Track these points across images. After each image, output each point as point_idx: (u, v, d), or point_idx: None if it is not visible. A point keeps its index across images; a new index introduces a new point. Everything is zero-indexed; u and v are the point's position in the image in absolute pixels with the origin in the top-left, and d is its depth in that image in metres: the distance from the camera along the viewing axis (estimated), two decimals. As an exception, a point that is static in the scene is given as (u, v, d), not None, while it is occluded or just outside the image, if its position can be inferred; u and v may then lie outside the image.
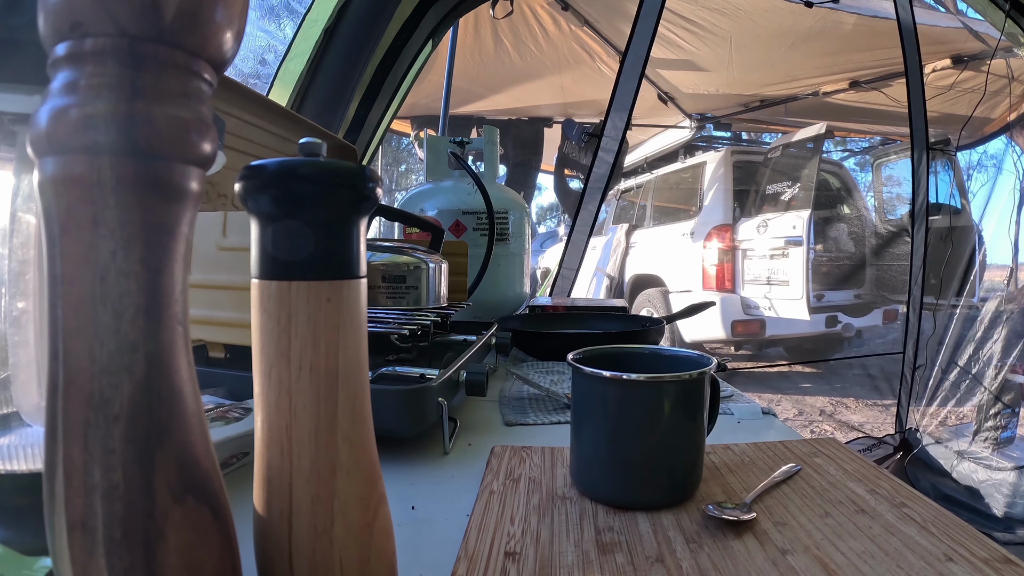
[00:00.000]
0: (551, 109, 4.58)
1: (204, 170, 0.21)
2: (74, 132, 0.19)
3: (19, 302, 0.32)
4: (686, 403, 0.41)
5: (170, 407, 0.20)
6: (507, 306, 1.31)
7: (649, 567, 0.33)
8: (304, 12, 1.52)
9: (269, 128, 0.74)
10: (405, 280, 0.76)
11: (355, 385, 0.25)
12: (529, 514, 0.40)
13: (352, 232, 0.25)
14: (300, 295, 0.24)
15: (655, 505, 0.41)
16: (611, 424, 0.41)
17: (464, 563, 0.34)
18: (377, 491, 0.27)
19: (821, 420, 3.46)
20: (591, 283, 5.22)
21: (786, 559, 0.34)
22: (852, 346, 4.25)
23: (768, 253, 4.09)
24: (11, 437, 0.34)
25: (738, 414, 0.68)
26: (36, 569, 0.28)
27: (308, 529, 0.25)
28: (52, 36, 0.19)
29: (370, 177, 0.25)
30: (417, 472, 0.51)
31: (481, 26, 3.17)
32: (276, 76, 1.52)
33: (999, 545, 0.35)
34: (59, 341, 0.19)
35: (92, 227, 0.19)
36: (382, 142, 2.03)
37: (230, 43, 0.22)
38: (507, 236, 1.28)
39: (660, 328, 1.05)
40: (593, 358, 0.46)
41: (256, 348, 0.25)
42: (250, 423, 0.48)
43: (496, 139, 1.36)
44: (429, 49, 1.94)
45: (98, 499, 0.19)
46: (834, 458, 0.50)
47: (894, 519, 0.39)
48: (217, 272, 0.57)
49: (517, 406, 0.70)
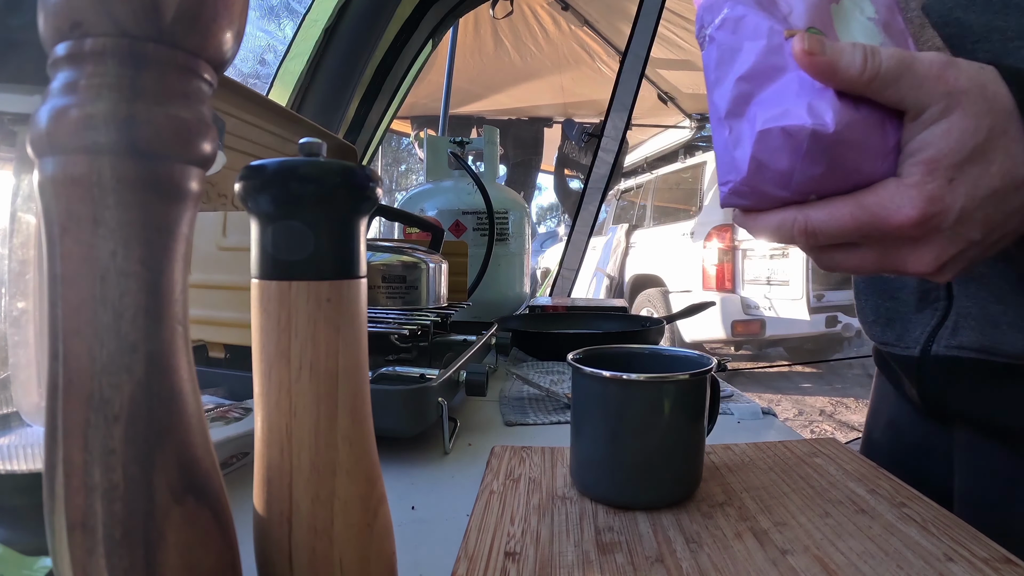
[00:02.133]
0: (551, 109, 4.59)
1: (204, 170, 0.21)
2: (74, 132, 0.19)
3: (19, 302, 0.32)
4: (686, 403, 0.41)
5: (170, 407, 0.20)
6: (507, 306, 1.31)
7: (649, 567, 0.33)
8: (304, 12, 1.52)
9: (269, 128, 0.74)
10: (405, 280, 0.76)
11: (355, 385, 0.25)
12: (529, 514, 0.40)
13: (352, 232, 0.25)
14: (300, 295, 0.24)
15: (655, 505, 0.41)
16: (611, 424, 0.41)
17: (464, 563, 0.34)
18: (377, 491, 0.27)
19: (821, 420, 3.46)
20: (591, 283, 5.23)
21: (786, 559, 0.34)
22: (852, 346, 4.26)
23: (768, 253, 4.09)
24: (11, 437, 0.34)
25: (738, 414, 0.68)
26: (36, 569, 0.28)
27: (308, 529, 0.25)
28: (52, 36, 0.19)
29: (370, 177, 0.25)
30: (417, 472, 0.51)
31: (481, 26, 3.17)
32: (276, 76, 1.52)
33: (999, 545, 0.35)
34: (59, 341, 0.19)
35: (92, 227, 0.19)
36: (382, 142, 2.03)
37: (230, 43, 0.22)
38: (507, 236, 1.28)
39: (660, 328, 1.05)
40: (593, 358, 0.46)
41: (256, 348, 0.25)
42: (250, 423, 0.48)
43: (496, 139, 1.36)
44: (429, 49, 1.94)
45: (98, 499, 0.19)
46: (834, 458, 0.50)
47: (894, 519, 0.39)
48: (217, 272, 0.57)
49: (517, 406, 0.70)
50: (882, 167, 0.32)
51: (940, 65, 0.30)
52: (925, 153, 0.30)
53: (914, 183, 0.30)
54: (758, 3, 0.35)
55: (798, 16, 0.34)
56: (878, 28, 0.35)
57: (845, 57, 0.30)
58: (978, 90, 0.30)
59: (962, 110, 0.30)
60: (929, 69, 0.30)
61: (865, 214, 0.31)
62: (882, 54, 0.30)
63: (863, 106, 0.31)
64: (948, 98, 0.30)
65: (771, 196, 0.33)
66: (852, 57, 0.30)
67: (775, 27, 0.33)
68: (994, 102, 0.30)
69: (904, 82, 0.30)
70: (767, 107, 0.33)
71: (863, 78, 0.30)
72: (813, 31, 0.33)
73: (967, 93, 0.30)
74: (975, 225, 0.31)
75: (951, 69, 0.30)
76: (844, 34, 0.34)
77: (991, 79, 0.31)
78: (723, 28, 0.35)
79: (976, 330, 0.44)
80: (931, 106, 0.30)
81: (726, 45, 0.35)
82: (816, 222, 0.32)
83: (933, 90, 0.30)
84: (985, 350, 0.44)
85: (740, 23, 0.34)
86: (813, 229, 0.32)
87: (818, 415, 3.58)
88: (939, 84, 0.30)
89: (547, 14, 3.20)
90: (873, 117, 0.31)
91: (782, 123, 0.31)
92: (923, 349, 0.48)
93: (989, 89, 0.30)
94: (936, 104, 0.30)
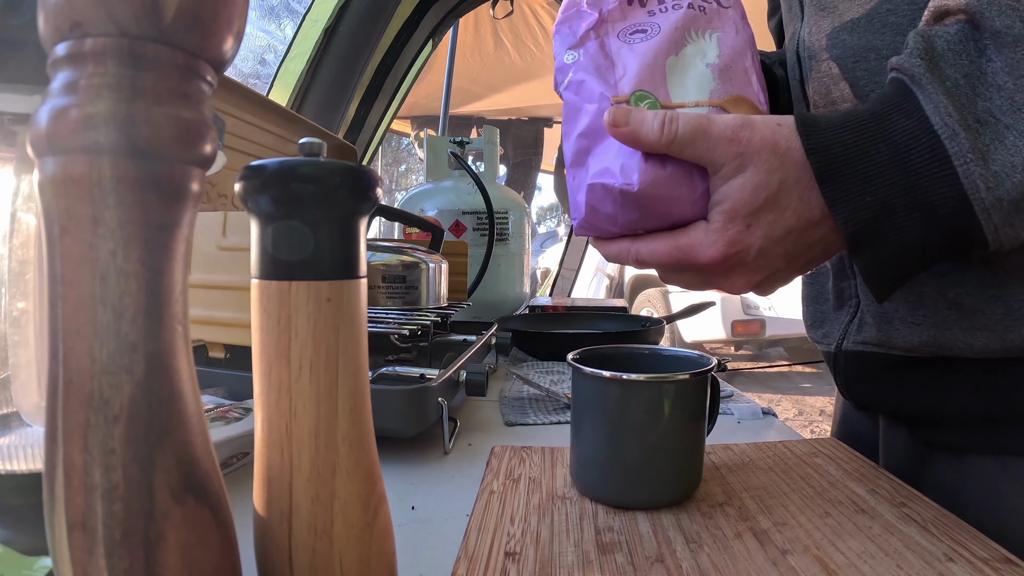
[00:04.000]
0: (551, 109, 4.58)
1: (204, 170, 0.21)
2: (74, 132, 0.19)
3: (19, 302, 0.32)
4: (686, 403, 0.41)
5: (170, 407, 0.20)
6: (507, 306, 1.31)
7: (649, 567, 0.33)
8: (304, 12, 1.52)
9: (269, 128, 0.74)
10: (405, 280, 0.76)
11: (355, 385, 0.25)
12: (529, 514, 0.40)
13: (352, 232, 0.25)
14: (300, 295, 0.24)
15: (655, 505, 0.41)
16: (611, 424, 0.41)
17: (464, 563, 0.34)
18: (377, 491, 0.27)
19: (821, 420, 3.46)
20: (591, 283, 5.22)
21: (786, 559, 0.34)
22: (852, 346, 4.24)
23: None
24: (11, 437, 0.34)
25: (738, 414, 0.68)
26: (36, 569, 0.28)
27: (308, 529, 0.25)
28: (52, 36, 0.19)
29: (370, 177, 0.25)
30: (417, 472, 0.51)
31: (481, 26, 3.17)
32: (276, 76, 1.52)
33: (999, 545, 0.35)
34: (59, 341, 0.19)
35: (92, 227, 0.19)
36: (382, 142, 2.03)
37: (230, 43, 0.22)
38: (507, 236, 1.28)
39: (660, 328, 1.05)
40: (593, 358, 0.46)
41: (256, 348, 0.25)
42: (250, 423, 0.48)
43: (496, 139, 1.36)
44: (429, 49, 1.94)
45: (98, 499, 0.19)
46: (834, 458, 0.50)
47: (894, 519, 0.39)
48: (217, 272, 0.57)
49: (517, 406, 0.70)
50: (692, 210, 0.37)
51: (734, 128, 0.35)
52: (725, 204, 0.35)
53: (716, 228, 0.36)
54: (596, 68, 0.40)
55: (628, 79, 0.39)
56: (714, 74, 0.40)
57: (645, 126, 0.35)
58: (769, 148, 0.35)
59: (754, 167, 0.35)
60: (723, 132, 0.35)
61: (679, 252, 0.37)
62: (680, 121, 0.35)
63: (670, 164, 0.36)
64: (740, 157, 0.35)
65: (607, 230, 0.40)
66: (651, 125, 0.35)
67: (605, 93, 0.39)
68: (785, 157, 0.35)
69: (700, 144, 0.35)
70: (597, 161, 0.39)
71: (662, 142, 0.35)
72: (639, 94, 0.38)
73: (759, 152, 0.35)
74: (777, 257, 0.36)
75: (744, 131, 0.35)
76: (676, 86, 0.39)
77: (785, 136, 0.35)
78: (569, 89, 0.41)
79: (875, 326, 0.47)
80: (726, 164, 0.35)
81: (571, 104, 0.40)
82: (643, 254, 0.39)
83: (726, 150, 0.35)
84: (882, 344, 0.47)
85: (581, 86, 0.40)
86: (642, 259, 0.39)
87: (818, 415, 3.58)
88: (731, 145, 0.35)
89: (547, 14, 3.19)
90: (679, 172, 0.36)
91: (602, 180, 0.38)
92: (837, 345, 0.52)
93: (781, 146, 0.35)
94: (730, 163, 0.35)
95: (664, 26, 0.41)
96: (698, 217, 0.37)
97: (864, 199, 0.33)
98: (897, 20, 0.41)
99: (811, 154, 0.34)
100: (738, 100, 0.39)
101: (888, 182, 0.33)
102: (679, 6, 0.42)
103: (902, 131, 0.33)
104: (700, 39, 0.41)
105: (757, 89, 0.41)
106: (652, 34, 0.41)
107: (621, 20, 0.42)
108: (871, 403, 0.53)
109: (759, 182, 0.35)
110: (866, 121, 0.34)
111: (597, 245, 0.42)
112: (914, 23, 0.39)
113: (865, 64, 0.42)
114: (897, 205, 0.33)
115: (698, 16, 0.41)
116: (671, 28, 0.41)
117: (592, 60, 0.40)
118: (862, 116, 0.34)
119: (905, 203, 0.33)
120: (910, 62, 0.34)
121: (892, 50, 0.40)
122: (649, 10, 0.42)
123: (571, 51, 0.41)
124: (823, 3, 0.45)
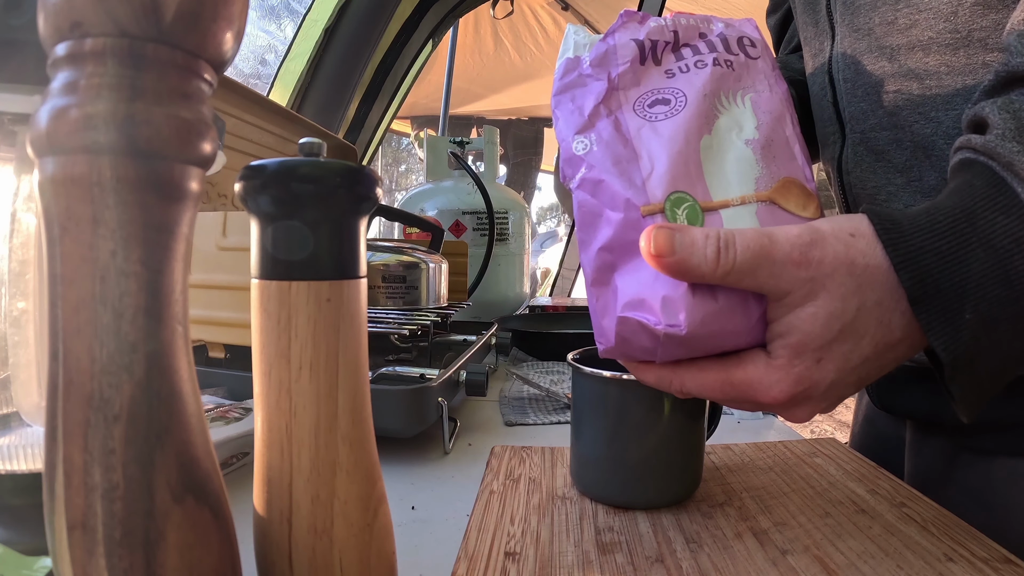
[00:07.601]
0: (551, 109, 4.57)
1: (204, 170, 0.21)
2: (74, 132, 0.19)
3: (19, 302, 0.32)
4: (686, 403, 0.41)
5: (170, 407, 0.20)
6: (507, 306, 1.31)
7: (649, 567, 0.33)
8: (304, 12, 1.52)
9: (269, 128, 0.74)
10: (405, 280, 0.76)
11: (355, 385, 0.25)
12: (529, 514, 0.40)
13: (352, 232, 0.25)
14: (300, 295, 0.24)
15: (655, 505, 0.41)
16: (611, 424, 0.41)
17: (464, 563, 0.34)
18: (377, 491, 0.27)
19: (821, 420, 3.46)
20: (591, 283, 5.20)
21: (786, 559, 0.34)
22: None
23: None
24: (11, 437, 0.34)
25: (738, 414, 0.68)
26: (36, 569, 0.28)
27: (308, 529, 0.25)
28: (52, 36, 0.19)
29: (370, 177, 0.25)
30: (417, 472, 0.51)
31: (481, 26, 3.17)
32: (276, 76, 1.52)
33: (999, 545, 0.35)
34: (59, 341, 0.19)
35: (92, 227, 0.19)
36: (382, 142, 2.03)
37: (230, 43, 0.22)
38: (507, 236, 1.28)
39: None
40: (593, 358, 0.46)
41: (256, 348, 0.25)
42: (250, 423, 0.48)
43: (496, 139, 1.36)
44: (429, 49, 1.94)
45: (98, 499, 0.19)
46: (834, 458, 0.50)
47: (894, 519, 0.39)
48: (217, 272, 0.57)
49: (517, 406, 0.70)
50: (747, 340, 0.31)
51: (801, 247, 0.29)
52: (792, 337, 0.29)
53: (781, 365, 0.30)
54: (616, 162, 0.33)
55: (659, 178, 0.32)
56: (756, 155, 0.33)
57: (696, 255, 0.29)
58: (845, 269, 0.29)
59: (827, 293, 0.29)
60: (789, 254, 0.29)
61: (734, 390, 0.31)
62: (738, 246, 0.29)
63: (722, 294, 0.30)
64: (811, 283, 0.29)
65: (641, 359, 0.33)
66: (704, 254, 0.29)
67: (632, 200, 0.32)
68: (863, 277, 0.29)
69: (762, 272, 0.29)
70: (627, 285, 0.32)
71: (717, 274, 0.29)
72: (675, 198, 0.31)
73: (832, 275, 0.29)
74: (848, 386, 0.31)
75: (814, 250, 0.29)
76: (714, 176, 0.33)
77: (862, 251, 0.29)
78: (583, 188, 0.33)
79: None
80: (793, 292, 0.29)
81: (587, 207, 0.33)
82: (689, 387, 0.32)
83: (794, 276, 0.29)
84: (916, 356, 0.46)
85: (599, 188, 0.33)
86: (687, 391, 0.33)
87: (818, 415, 3.57)
88: (799, 270, 0.29)
89: (547, 14, 3.19)
90: (733, 302, 0.30)
91: (638, 315, 0.31)
92: None
93: (858, 264, 0.29)
94: (798, 290, 0.29)
95: (690, 94, 0.34)
96: (753, 345, 0.31)
97: (963, 317, 0.28)
98: (940, 49, 0.38)
99: (901, 270, 0.29)
100: (787, 185, 0.34)
101: (989, 295, 0.28)
102: (703, 64, 0.35)
103: (1002, 232, 0.28)
104: (732, 105, 0.35)
105: (802, 163, 0.35)
106: (677, 106, 0.34)
107: (635, 86, 0.35)
108: (904, 412, 0.52)
109: (833, 311, 0.29)
110: (957, 221, 0.29)
111: (629, 367, 0.35)
112: (957, 52, 0.37)
113: (907, 93, 0.41)
114: (999, 318, 0.28)
115: (726, 75, 0.35)
116: (699, 96, 0.34)
117: (608, 150, 0.33)
118: (951, 214, 0.29)
119: (1008, 316, 0.28)
120: (1003, 146, 0.29)
121: (934, 79, 0.38)
122: (667, 69, 0.36)
123: (580, 137, 0.34)
124: (857, 24, 0.43)
